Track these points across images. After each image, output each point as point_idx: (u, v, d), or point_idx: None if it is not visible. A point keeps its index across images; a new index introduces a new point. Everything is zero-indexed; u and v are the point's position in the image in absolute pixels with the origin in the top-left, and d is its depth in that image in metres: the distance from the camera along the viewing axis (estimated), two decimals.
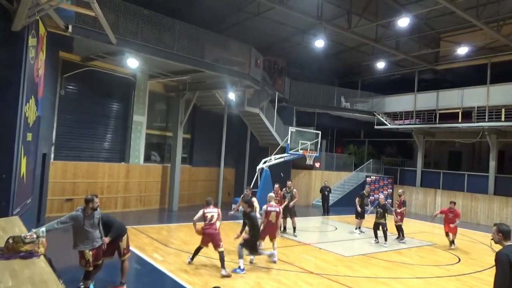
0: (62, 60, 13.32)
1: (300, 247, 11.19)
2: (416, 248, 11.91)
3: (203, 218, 8.19)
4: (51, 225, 5.66)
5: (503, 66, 18.48)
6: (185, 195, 17.99)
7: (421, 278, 8.76)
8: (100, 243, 6.25)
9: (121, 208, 15.35)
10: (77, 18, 10.21)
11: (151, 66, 14.71)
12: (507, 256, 3.92)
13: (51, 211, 13.04)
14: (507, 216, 17.98)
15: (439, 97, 20.15)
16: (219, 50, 15.08)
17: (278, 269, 8.60)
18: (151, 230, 12.13)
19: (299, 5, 14.83)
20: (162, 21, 12.91)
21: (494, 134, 18.89)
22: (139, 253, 9.20)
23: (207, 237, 8.18)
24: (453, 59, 20.25)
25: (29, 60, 7.23)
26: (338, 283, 7.90)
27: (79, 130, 14.25)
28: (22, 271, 3.66)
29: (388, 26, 17.67)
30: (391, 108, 22.52)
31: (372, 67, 23.18)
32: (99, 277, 6.83)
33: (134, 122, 15.96)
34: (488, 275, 9.21)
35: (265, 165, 17.06)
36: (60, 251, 7.00)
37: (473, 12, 14.47)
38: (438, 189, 20.83)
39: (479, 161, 22.71)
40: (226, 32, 17.26)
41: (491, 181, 18.93)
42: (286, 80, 21.63)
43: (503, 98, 17.57)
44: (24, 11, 6.19)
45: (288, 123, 20.16)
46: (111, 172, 15.08)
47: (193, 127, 19.01)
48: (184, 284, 7.27)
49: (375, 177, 22.94)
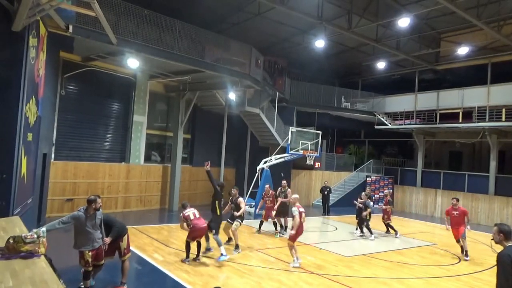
0: (62, 60, 13.34)
1: (301, 247, 11.15)
2: (417, 248, 11.90)
3: (185, 219, 8.57)
4: (53, 225, 5.66)
5: (504, 66, 18.46)
6: (185, 195, 17.94)
7: (422, 278, 8.75)
8: (100, 243, 6.25)
9: (122, 208, 15.36)
10: (78, 18, 10.22)
11: (152, 66, 14.72)
12: (509, 257, 3.90)
13: (52, 211, 13.06)
14: (507, 216, 17.97)
15: (439, 97, 20.14)
16: (220, 50, 15.08)
17: (278, 269, 8.61)
18: (151, 230, 12.14)
19: (300, 5, 14.83)
20: (162, 21, 12.92)
21: (495, 134, 18.88)
22: (140, 253, 9.21)
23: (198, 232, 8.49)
24: (454, 59, 20.26)
25: (30, 60, 7.23)
26: (338, 283, 7.90)
27: (80, 130, 14.27)
28: (22, 271, 3.67)
29: (389, 26, 17.67)
30: (391, 108, 22.51)
31: (372, 67, 23.18)
32: (99, 277, 6.84)
33: (135, 122, 15.97)
34: (488, 275, 9.21)
35: (266, 165, 17.07)
36: (61, 251, 7.01)
37: (474, 12, 14.47)
38: (439, 189, 20.83)
39: (480, 161, 22.69)
40: (226, 32, 17.27)
41: (492, 181, 18.92)
42: (286, 80, 21.64)
43: (503, 98, 17.56)
44: (24, 11, 6.20)
45: (288, 123, 20.16)
46: (111, 172, 15.09)
47: (193, 127, 19.02)
48: (185, 284, 7.27)
49: (376, 177, 22.94)
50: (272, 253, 10.11)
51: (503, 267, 3.93)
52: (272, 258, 9.61)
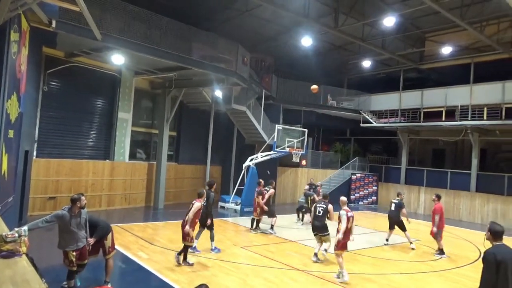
0: (45, 55, 13.07)
1: (286, 244, 11.24)
2: (401, 245, 12.07)
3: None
4: (36, 223, 5.57)
5: (486, 66, 18.87)
6: (171, 193, 17.88)
7: (406, 274, 8.90)
8: (84, 243, 6.17)
9: (106, 206, 15.17)
10: (61, 13, 10.01)
11: (137, 63, 14.55)
12: (493, 255, 3.96)
13: (34, 210, 12.82)
14: (488, 212, 18.39)
15: (423, 96, 20.44)
16: (206, 48, 14.97)
17: (263, 266, 8.63)
18: (136, 228, 12.02)
19: (287, 3, 14.85)
20: (148, 17, 12.75)
21: (477, 132, 19.26)
22: (124, 252, 9.11)
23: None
24: (438, 59, 20.59)
25: (11, 55, 7.07)
26: (323, 280, 7.97)
27: (63, 127, 14.02)
28: (3, 271, 3.59)
29: (375, 25, 17.85)
30: (376, 107, 22.76)
31: (358, 65, 23.39)
32: (83, 276, 6.74)
33: (119, 119, 15.77)
34: (470, 271, 9.43)
35: (252, 162, 17.07)
36: (43, 250, 6.89)
37: (457, 13, 14.71)
38: (422, 187, 21.17)
39: (462, 159, 23.15)
40: (213, 30, 17.16)
41: (473, 179, 19.31)
42: (273, 78, 21.66)
43: (485, 97, 17.92)
44: (6, 5, 6.06)
45: (275, 121, 20.20)
46: (95, 169, 14.88)
47: (179, 124, 18.89)
48: (170, 282, 7.23)
49: (361, 175, 23.19)
50: (258, 250, 10.12)
51: (487, 265, 4.00)
52: (257, 255, 9.63)
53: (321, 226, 9.47)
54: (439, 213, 10.66)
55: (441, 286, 8.26)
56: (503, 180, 18.28)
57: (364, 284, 7.94)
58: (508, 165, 20.87)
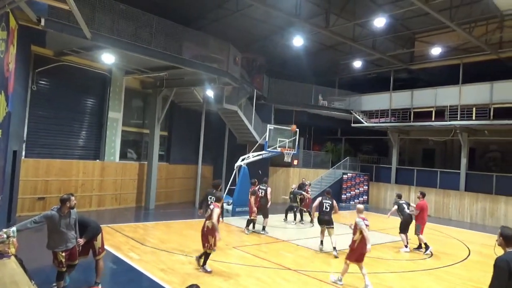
0: (34, 54, 12.91)
1: (278, 243, 11.26)
2: (391, 243, 12.16)
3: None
4: (24, 224, 5.49)
5: (475, 67, 19.11)
6: (162, 193, 17.79)
7: (396, 272, 8.97)
8: (74, 244, 6.11)
9: (96, 206, 15.04)
10: (50, 12, 9.88)
11: (128, 62, 14.44)
12: (507, 263, 3.72)
13: (22, 210, 12.65)
14: (477, 211, 18.64)
15: (413, 96, 20.62)
16: (198, 47, 14.93)
17: (256, 266, 8.63)
18: (127, 228, 11.93)
19: (278, 3, 14.86)
20: (139, 16, 12.67)
21: (466, 132, 19.50)
22: (115, 252, 9.03)
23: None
24: (427, 59, 20.79)
25: None
26: (315, 279, 7.99)
27: (52, 126, 13.85)
28: None
29: (365, 26, 17.97)
30: (367, 107, 22.90)
31: (349, 66, 23.51)
32: (73, 277, 6.67)
33: (110, 119, 15.64)
34: (460, 269, 9.55)
35: (243, 162, 17.05)
36: (32, 251, 6.81)
37: (447, 14, 14.87)
38: (412, 186, 21.36)
39: (451, 159, 23.41)
40: (205, 29, 17.13)
41: (462, 178, 19.54)
42: (264, 78, 21.67)
43: (474, 98, 18.15)
44: None
45: (266, 121, 20.21)
46: (85, 170, 14.74)
47: (170, 124, 18.80)
48: (161, 283, 7.18)
49: (352, 174, 23.31)
50: (250, 250, 10.12)
51: (499, 272, 3.78)
52: (249, 255, 9.63)
53: (329, 219, 10.45)
54: (420, 209, 11.51)
55: (431, 284, 8.33)
56: (491, 179, 18.55)
57: (355, 283, 7.97)
58: (497, 165, 21.19)
